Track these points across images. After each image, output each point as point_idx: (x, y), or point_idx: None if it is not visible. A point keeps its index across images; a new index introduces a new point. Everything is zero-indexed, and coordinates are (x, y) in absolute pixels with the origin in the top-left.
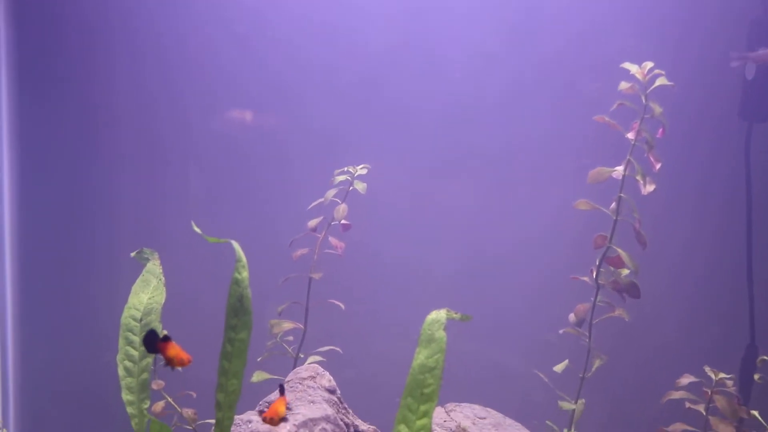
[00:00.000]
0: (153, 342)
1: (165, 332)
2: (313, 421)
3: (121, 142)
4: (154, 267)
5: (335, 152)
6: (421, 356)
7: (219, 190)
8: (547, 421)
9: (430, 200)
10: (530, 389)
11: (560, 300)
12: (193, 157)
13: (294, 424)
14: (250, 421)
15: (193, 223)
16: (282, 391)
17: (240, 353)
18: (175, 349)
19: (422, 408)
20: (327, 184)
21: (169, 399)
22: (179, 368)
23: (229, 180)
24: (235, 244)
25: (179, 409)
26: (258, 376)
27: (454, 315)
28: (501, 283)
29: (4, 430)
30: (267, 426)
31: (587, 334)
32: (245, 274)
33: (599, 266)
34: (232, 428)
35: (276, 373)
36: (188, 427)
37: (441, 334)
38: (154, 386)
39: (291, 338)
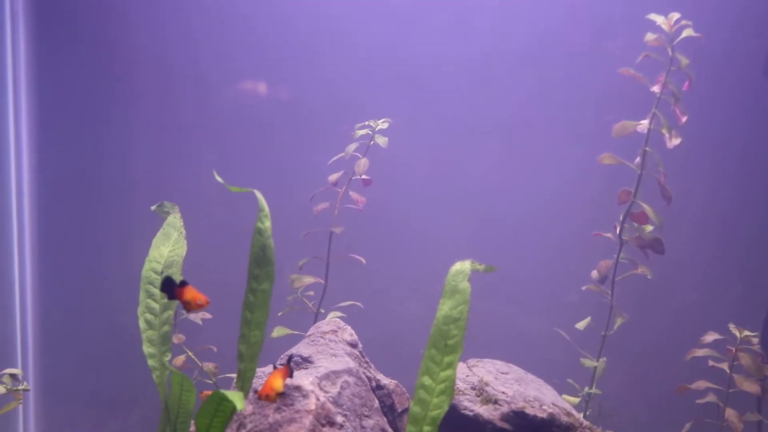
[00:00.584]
0: (171, 288)
1: (181, 278)
2: (336, 374)
3: (139, 97)
4: (174, 220)
5: (355, 108)
6: (445, 307)
7: (237, 144)
8: (569, 380)
9: (450, 157)
10: (551, 348)
11: (582, 258)
12: (209, 113)
13: (316, 377)
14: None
15: (215, 173)
16: (276, 366)
17: (262, 304)
18: (191, 293)
19: (446, 359)
20: (347, 139)
21: (190, 353)
22: (197, 311)
23: (247, 134)
24: (258, 194)
25: (200, 363)
26: (278, 332)
27: (479, 266)
28: (522, 241)
29: (25, 383)
30: (289, 377)
31: (609, 291)
32: (268, 223)
33: (623, 222)
34: (254, 380)
35: (296, 329)
36: (209, 381)
37: (465, 285)
38: (175, 340)
39: (312, 293)
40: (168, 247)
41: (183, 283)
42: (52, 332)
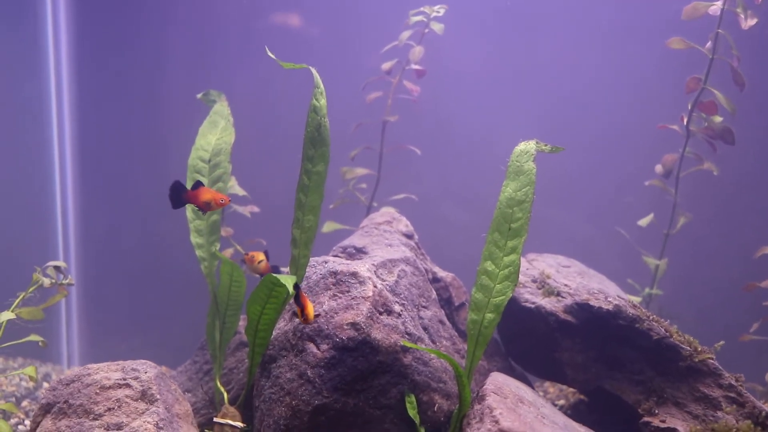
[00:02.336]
0: (179, 193)
1: (230, 166)
2: (392, 262)
3: None
4: (221, 108)
5: None
6: (508, 189)
7: (287, 31)
8: (629, 280)
9: (508, 50)
10: (606, 252)
11: (642, 155)
12: None
13: (373, 264)
14: (326, 262)
15: (267, 49)
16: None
17: (317, 187)
18: (209, 193)
19: (510, 243)
20: (401, 27)
21: (238, 247)
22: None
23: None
24: (313, 70)
25: (248, 255)
26: (329, 226)
27: (544, 147)
28: (578, 138)
29: (69, 277)
30: (345, 264)
31: (673, 190)
32: (323, 101)
33: (691, 111)
34: (307, 268)
35: (347, 224)
36: (257, 275)
37: (530, 165)
38: (223, 233)
39: (364, 185)
40: (215, 135)
41: (197, 185)
42: (95, 243)
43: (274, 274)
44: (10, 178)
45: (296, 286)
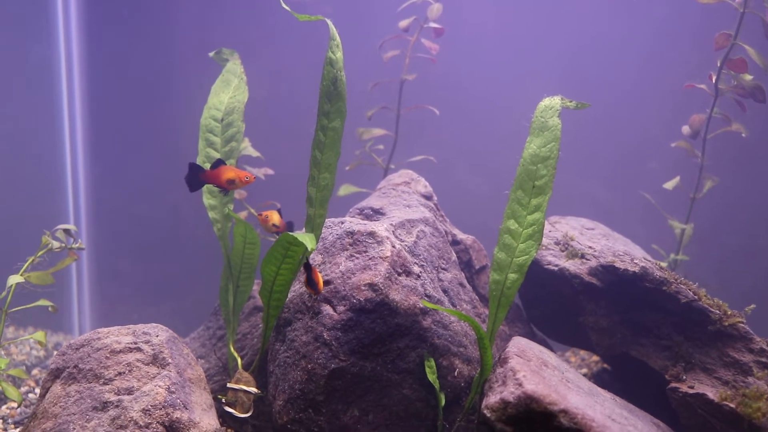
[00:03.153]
0: (196, 174)
1: (243, 125)
2: (411, 222)
3: None
4: (234, 66)
5: None
6: (532, 145)
7: None
8: (653, 245)
9: (528, 7)
10: (627, 218)
11: (666, 119)
12: None
13: (391, 224)
14: (342, 222)
15: (281, 0)
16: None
17: (333, 143)
18: (231, 171)
19: (534, 201)
20: None
21: (252, 210)
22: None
23: None
24: (329, 22)
25: (262, 215)
26: (345, 189)
27: (569, 103)
28: (599, 99)
29: (80, 241)
30: (362, 224)
31: (700, 152)
32: (339, 54)
33: (720, 69)
34: (323, 229)
35: (364, 187)
36: (271, 238)
37: (555, 121)
38: (237, 196)
39: (381, 147)
40: (228, 94)
41: (217, 164)
42: (106, 211)
43: (290, 233)
44: (18, 143)
45: (307, 265)
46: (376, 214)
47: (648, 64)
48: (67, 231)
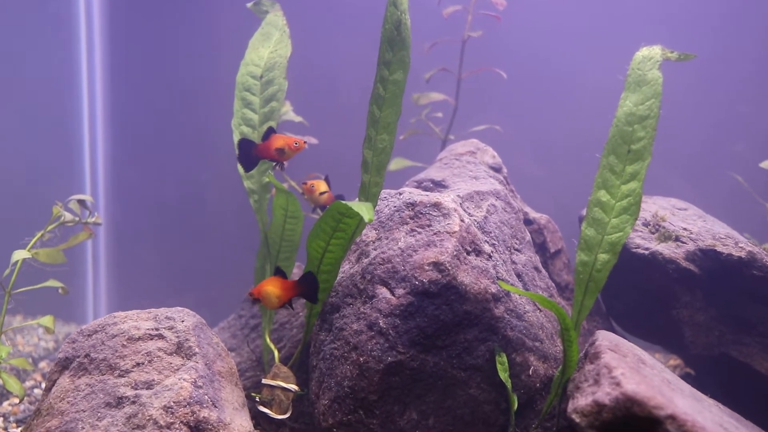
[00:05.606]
0: (249, 150)
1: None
2: (480, 195)
3: None
4: (275, 18)
5: None
6: (628, 103)
7: None
8: (745, 234)
9: None
10: (709, 202)
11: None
12: None
13: (459, 195)
14: (401, 193)
15: None
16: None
17: (394, 98)
18: (280, 139)
19: (629, 169)
20: None
21: (293, 183)
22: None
23: None
24: None
25: (307, 184)
26: (398, 164)
27: (670, 54)
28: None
29: (96, 215)
30: (425, 195)
31: None
32: None
33: None
34: (378, 201)
35: (419, 161)
36: (315, 215)
37: (655, 74)
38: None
39: (440, 114)
40: (268, 48)
41: (268, 133)
42: (126, 191)
43: (343, 201)
44: (34, 113)
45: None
46: (438, 186)
47: (735, 35)
48: (81, 202)
